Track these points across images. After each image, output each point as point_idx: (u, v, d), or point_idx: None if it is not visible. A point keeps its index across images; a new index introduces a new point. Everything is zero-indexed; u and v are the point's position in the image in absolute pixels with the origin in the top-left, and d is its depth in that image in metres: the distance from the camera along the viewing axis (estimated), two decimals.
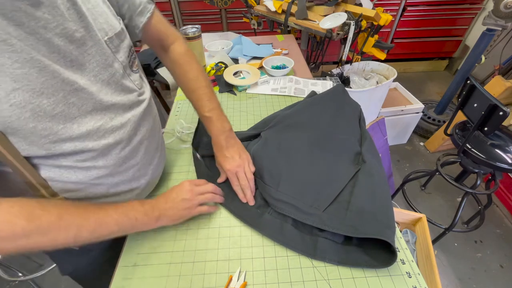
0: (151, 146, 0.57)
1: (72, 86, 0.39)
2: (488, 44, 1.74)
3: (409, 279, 0.51)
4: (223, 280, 0.51)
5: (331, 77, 1.33)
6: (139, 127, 0.52)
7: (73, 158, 0.43)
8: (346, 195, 0.61)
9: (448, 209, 1.64)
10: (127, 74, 0.49)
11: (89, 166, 0.45)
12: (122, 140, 0.48)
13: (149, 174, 0.58)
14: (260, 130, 0.79)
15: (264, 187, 0.64)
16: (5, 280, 1.24)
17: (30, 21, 0.34)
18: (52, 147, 0.40)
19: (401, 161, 1.97)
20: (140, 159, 0.54)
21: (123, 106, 0.48)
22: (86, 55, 0.41)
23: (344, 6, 1.46)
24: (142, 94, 0.54)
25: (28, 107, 0.35)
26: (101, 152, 0.45)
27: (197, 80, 0.64)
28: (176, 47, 0.64)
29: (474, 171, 1.22)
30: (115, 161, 0.48)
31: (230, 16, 2.39)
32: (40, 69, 0.35)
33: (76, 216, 0.41)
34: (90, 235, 0.42)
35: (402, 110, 1.83)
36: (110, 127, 0.46)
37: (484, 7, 2.43)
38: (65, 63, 0.39)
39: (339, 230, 0.54)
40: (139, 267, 0.53)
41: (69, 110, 0.39)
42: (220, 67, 1.13)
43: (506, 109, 0.97)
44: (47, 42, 0.36)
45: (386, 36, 2.58)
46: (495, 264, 1.39)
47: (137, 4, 0.54)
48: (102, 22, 0.44)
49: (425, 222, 0.92)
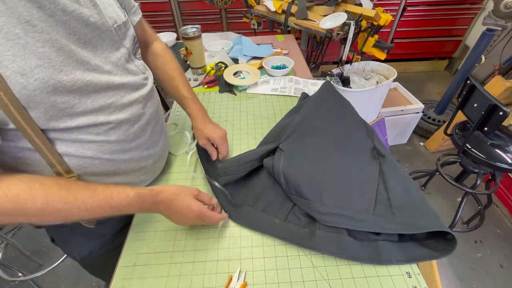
0: (157, 127, 0.62)
1: (85, 66, 0.43)
2: (488, 44, 1.73)
3: (409, 279, 0.51)
4: (223, 280, 0.51)
5: (331, 77, 1.33)
6: (145, 107, 0.56)
7: (87, 130, 0.46)
8: (383, 192, 0.61)
9: (448, 209, 1.64)
10: (131, 60, 0.54)
11: (102, 140, 0.48)
12: (132, 117, 0.52)
13: (157, 154, 0.63)
14: (276, 143, 0.73)
15: (308, 203, 0.59)
16: (5, 280, 1.24)
17: (50, 4, 0.38)
18: (69, 120, 0.43)
19: (401, 161, 1.97)
20: (148, 138, 0.58)
21: (131, 86, 0.52)
22: (98, 39, 0.46)
23: (344, 6, 1.46)
24: (147, 78, 0.58)
25: (51, 82, 0.38)
26: (113, 127, 0.49)
27: (177, 70, 0.73)
28: (157, 44, 0.74)
29: (474, 171, 1.22)
30: (125, 136, 0.52)
31: (230, 16, 2.39)
32: (58, 48, 0.39)
33: (64, 200, 0.42)
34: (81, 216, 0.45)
35: (402, 110, 1.83)
36: (121, 104, 0.50)
37: (484, 7, 2.43)
38: (79, 44, 0.42)
39: (398, 230, 0.53)
40: (139, 267, 0.53)
41: (86, 87, 0.43)
42: (220, 67, 1.13)
43: (506, 109, 0.97)
44: (64, 24, 0.40)
45: (386, 36, 2.58)
46: (495, 264, 1.39)
47: (131, 4, 0.61)
48: (111, 11, 0.49)
49: None
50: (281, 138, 0.74)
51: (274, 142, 0.73)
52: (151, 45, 0.73)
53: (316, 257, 0.54)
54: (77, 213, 0.43)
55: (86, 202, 0.43)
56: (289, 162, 0.66)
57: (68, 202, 0.42)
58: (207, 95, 1.03)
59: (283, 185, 0.64)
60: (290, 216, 0.61)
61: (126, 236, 0.59)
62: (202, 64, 1.14)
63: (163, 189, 0.52)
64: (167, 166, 0.74)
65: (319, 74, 1.96)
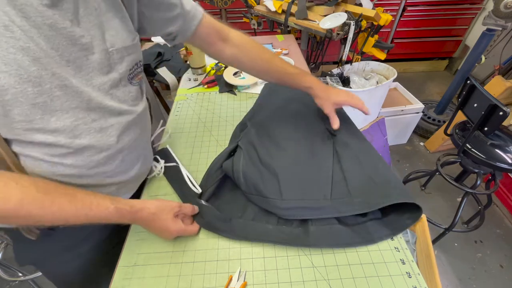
0: (132, 155, 0.55)
1: (62, 82, 0.40)
2: (488, 44, 1.73)
3: (409, 279, 0.51)
4: (223, 280, 0.51)
5: (331, 77, 1.33)
6: (122, 135, 0.51)
7: (41, 150, 0.42)
8: (339, 173, 0.61)
9: (448, 209, 1.64)
10: (122, 85, 0.49)
11: (56, 162, 0.44)
12: (99, 145, 0.47)
13: (124, 181, 0.56)
14: (236, 142, 0.74)
15: (268, 201, 0.59)
16: (5, 280, 1.24)
17: (37, 17, 0.35)
18: (23, 134, 0.40)
19: (401, 161, 1.97)
20: (115, 167, 0.52)
21: (110, 111, 0.47)
22: (86, 60, 0.42)
23: (344, 6, 1.46)
24: (135, 106, 0.53)
25: (10, 91, 0.35)
26: (73, 151, 0.45)
27: (267, 52, 0.68)
28: (235, 34, 0.66)
29: (474, 171, 1.22)
30: (85, 163, 0.47)
31: (230, 16, 2.39)
32: (34, 59, 0.36)
33: (41, 207, 0.40)
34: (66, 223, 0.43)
35: (402, 110, 1.83)
36: (88, 128, 0.45)
37: (484, 7, 2.43)
38: (60, 61, 0.39)
39: (354, 210, 0.54)
40: (139, 267, 0.53)
41: (51, 103, 0.39)
42: (220, 67, 1.13)
43: (506, 109, 0.97)
44: (47, 38, 0.37)
45: (386, 36, 2.58)
46: (495, 264, 1.39)
47: (186, 12, 0.57)
48: (112, 34, 0.45)
49: (425, 222, 0.91)
50: (240, 136, 0.77)
51: (234, 141, 0.75)
52: (228, 37, 0.66)
53: (316, 257, 0.54)
54: (51, 219, 0.41)
55: (62, 209, 0.41)
56: (247, 161, 0.66)
57: (44, 206, 0.39)
58: (207, 95, 1.03)
59: (242, 186, 0.63)
60: (281, 219, 0.60)
61: (126, 236, 0.59)
62: (202, 64, 1.14)
63: (143, 206, 0.50)
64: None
65: (319, 74, 1.96)
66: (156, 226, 0.52)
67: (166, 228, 0.52)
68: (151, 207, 0.51)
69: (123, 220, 0.48)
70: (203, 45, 0.66)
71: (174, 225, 0.53)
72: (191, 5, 0.58)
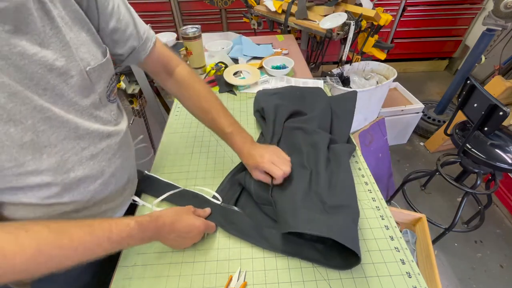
0: (122, 179, 0.54)
1: (44, 114, 0.36)
2: (488, 44, 1.74)
3: (409, 279, 0.51)
4: (223, 280, 0.51)
5: (331, 77, 1.33)
6: (113, 158, 0.49)
7: (36, 194, 0.39)
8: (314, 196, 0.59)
9: (448, 209, 1.64)
10: (103, 105, 0.47)
11: (53, 203, 0.42)
12: (92, 173, 0.45)
13: (118, 205, 0.56)
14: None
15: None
16: None
17: (3, 46, 0.31)
18: (15, 180, 0.36)
19: (401, 161, 1.97)
20: (109, 192, 0.51)
21: (99, 135, 0.45)
22: (65, 85, 0.39)
23: (344, 6, 1.46)
24: (118, 124, 0.51)
25: None
26: (68, 187, 0.42)
27: (210, 100, 0.64)
28: (181, 70, 0.64)
29: (474, 171, 1.22)
30: (83, 196, 0.45)
31: (230, 16, 2.39)
32: (10, 94, 0.32)
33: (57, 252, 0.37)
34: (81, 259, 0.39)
35: (402, 110, 1.83)
36: (79, 158, 0.43)
37: (484, 7, 2.43)
38: (37, 90, 0.35)
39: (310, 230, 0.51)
40: (139, 267, 0.53)
41: (38, 139, 0.36)
42: (220, 67, 1.13)
43: (506, 109, 0.97)
44: (19, 68, 0.33)
45: (386, 36, 2.58)
46: (495, 264, 1.39)
47: (141, 32, 0.54)
48: (84, 52, 0.42)
49: (425, 222, 0.92)
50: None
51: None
52: (174, 72, 0.64)
53: None
54: (74, 256, 0.38)
55: (84, 241, 0.38)
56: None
57: (62, 245, 0.36)
58: None
59: (254, 196, 0.63)
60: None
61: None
62: (202, 64, 1.14)
63: (161, 213, 0.50)
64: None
65: (319, 74, 1.96)
66: (181, 226, 0.51)
67: (192, 223, 0.52)
68: (168, 212, 0.51)
69: (146, 234, 0.46)
70: (153, 73, 0.64)
71: (198, 220, 0.54)
72: (142, 29, 0.55)
